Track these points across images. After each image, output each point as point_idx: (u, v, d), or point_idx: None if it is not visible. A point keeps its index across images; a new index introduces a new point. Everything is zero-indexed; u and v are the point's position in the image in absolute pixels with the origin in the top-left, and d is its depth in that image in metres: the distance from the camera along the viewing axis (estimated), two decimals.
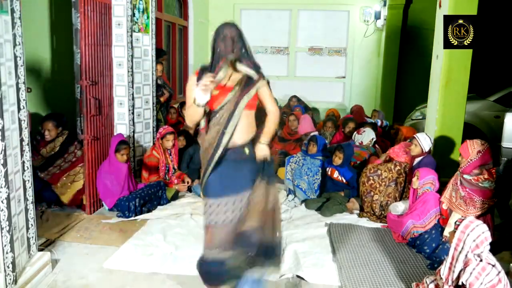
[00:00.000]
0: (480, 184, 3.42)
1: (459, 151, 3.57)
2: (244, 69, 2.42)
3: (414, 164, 4.27)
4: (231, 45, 2.39)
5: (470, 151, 3.45)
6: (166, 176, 4.83)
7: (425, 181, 3.73)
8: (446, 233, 3.46)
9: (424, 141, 4.24)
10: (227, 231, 2.42)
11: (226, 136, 2.40)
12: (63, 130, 4.49)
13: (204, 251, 2.49)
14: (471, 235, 2.37)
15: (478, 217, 3.34)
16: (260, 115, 2.61)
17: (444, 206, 3.60)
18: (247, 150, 2.50)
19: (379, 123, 6.51)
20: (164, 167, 4.81)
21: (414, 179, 3.81)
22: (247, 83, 2.43)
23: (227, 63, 2.37)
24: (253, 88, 2.44)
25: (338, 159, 4.60)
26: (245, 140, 2.48)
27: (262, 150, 2.52)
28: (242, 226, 2.44)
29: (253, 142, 2.54)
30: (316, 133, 6.08)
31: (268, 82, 2.60)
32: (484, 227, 2.40)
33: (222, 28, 2.41)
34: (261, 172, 2.51)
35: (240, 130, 2.45)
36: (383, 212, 4.17)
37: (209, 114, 2.48)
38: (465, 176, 3.50)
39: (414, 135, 4.40)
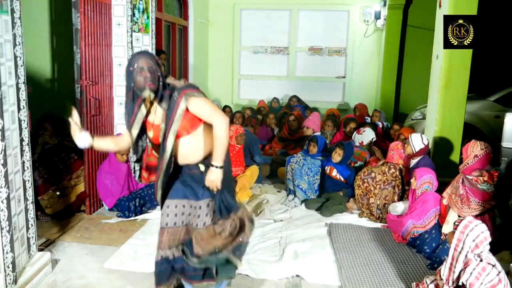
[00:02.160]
0: (478, 186, 3.42)
1: (462, 150, 3.57)
2: (163, 106, 2.27)
3: (411, 165, 4.26)
4: (149, 77, 2.19)
5: (469, 153, 3.45)
6: None
7: (422, 180, 3.72)
8: (444, 230, 3.46)
9: (415, 141, 4.21)
10: (170, 233, 2.43)
11: (164, 168, 2.34)
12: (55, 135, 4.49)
13: (156, 252, 2.48)
14: (470, 235, 2.37)
15: (475, 217, 3.36)
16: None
17: (445, 202, 3.61)
18: (202, 167, 2.39)
19: (380, 125, 6.51)
20: None
21: (412, 180, 3.82)
22: (167, 114, 2.25)
23: (146, 98, 2.26)
24: (177, 114, 2.22)
25: (337, 156, 4.59)
26: (196, 160, 2.39)
27: (211, 175, 2.33)
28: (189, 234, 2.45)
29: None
30: (318, 133, 6.09)
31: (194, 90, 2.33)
32: (483, 227, 2.40)
33: (137, 60, 2.23)
34: (219, 207, 2.42)
35: (185, 155, 2.36)
36: (381, 215, 4.17)
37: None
38: (467, 175, 3.51)
39: (409, 135, 4.40)
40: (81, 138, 2.34)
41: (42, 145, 4.34)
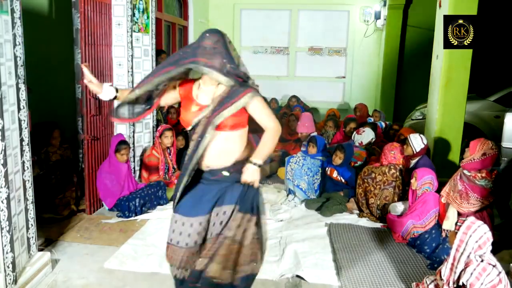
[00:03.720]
0: (477, 182, 3.43)
1: (469, 144, 3.54)
2: (216, 77, 2.09)
3: (411, 166, 4.26)
4: (207, 54, 2.07)
5: (477, 149, 3.45)
6: (166, 176, 4.83)
7: (423, 181, 3.73)
8: (444, 226, 3.47)
9: (415, 141, 4.22)
10: (184, 254, 2.23)
11: (193, 162, 2.15)
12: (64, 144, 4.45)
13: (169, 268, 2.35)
14: (474, 236, 2.36)
15: (474, 213, 3.36)
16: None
17: (443, 200, 3.62)
18: (226, 173, 2.21)
19: (383, 125, 6.50)
20: (163, 166, 4.81)
21: (412, 180, 3.82)
22: (223, 101, 2.12)
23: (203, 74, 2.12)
24: (232, 106, 2.10)
25: (338, 159, 4.60)
26: (224, 164, 2.20)
27: (249, 172, 2.17)
28: (203, 260, 2.21)
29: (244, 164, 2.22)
30: (315, 133, 6.08)
31: (263, 97, 2.26)
32: (486, 228, 2.39)
33: (203, 35, 2.12)
34: (239, 198, 2.19)
35: (216, 154, 2.18)
36: (381, 215, 4.17)
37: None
38: (465, 171, 3.52)
39: (407, 136, 4.40)
40: (106, 92, 2.22)
41: (45, 160, 4.26)
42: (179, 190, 2.23)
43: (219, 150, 2.19)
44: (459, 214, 3.46)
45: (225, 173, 2.22)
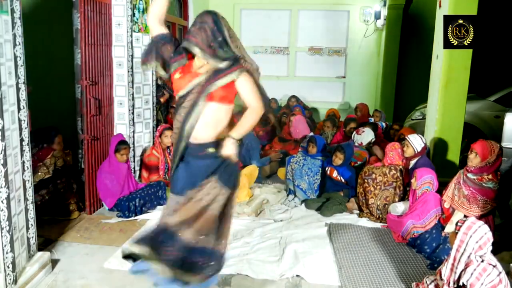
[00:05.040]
0: (483, 184, 3.42)
1: (475, 149, 3.49)
2: (199, 53, 2.18)
3: (410, 167, 4.26)
4: (197, 32, 2.18)
5: (489, 153, 3.42)
6: (166, 175, 4.83)
7: (423, 181, 3.72)
8: (447, 229, 3.46)
9: (415, 141, 4.21)
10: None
11: (186, 128, 2.24)
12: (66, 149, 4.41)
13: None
14: (474, 237, 2.36)
15: (479, 218, 3.35)
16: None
17: (446, 205, 3.60)
18: (210, 149, 2.29)
19: (384, 126, 6.50)
20: (163, 166, 4.82)
21: (412, 180, 3.81)
22: (217, 71, 2.21)
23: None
24: (224, 78, 2.19)
25: (338, 160, 4.61)
26: (209, 136, 2.28)
27: (228, 146, 2.26)
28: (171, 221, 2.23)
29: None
30: (311, 134, 6.09)
31: (253, 74, 2.32)
32: (486, 228, 2.39)
33: (198, 16, 2.24)
34: (218, 170, 2.27)
35: (205, 125, 2.25)
36: (381, 215, 4.17)
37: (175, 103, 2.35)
38: (469, 175, 3.50)
39: (406, 137, 4.38)
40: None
41: (46, 168, 4.17)
42: (173, 165, 2.33)
43: (207, 121, 2.26)
44: (465, 216, 3.44)
45: (211, 150, 2.29)
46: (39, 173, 4.03)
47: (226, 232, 2.35)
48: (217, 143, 2.30)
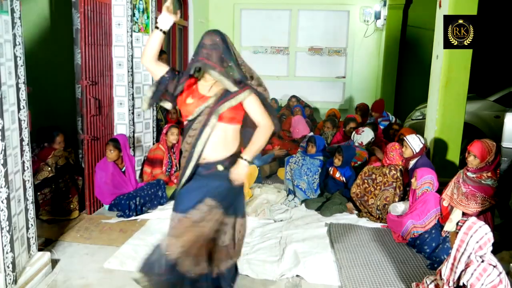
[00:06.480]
0: (482, 182, 3.43)
1: (472, 151, 3.49)
2: (217, 76, 2.20)
3: (410, 167, 4.25)
4: (208, 53, 2.19)
5: (488, 153, 3.42)
6: (168, 173, 4.85)
7: (423, 181, 3.72)
8: (446, 228, 3.46)
9: (413, 142, 4.20)
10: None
11: (197, 149, 2.25)
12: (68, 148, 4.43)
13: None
14: (474, 237, 2.36)
15: (478, 215, 3.36)
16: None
17: (445, 203, 3.60)
18: (220, 167, 2.29)
19: (393, 120, 6.54)
20: (166, 161, 4.84)
21: (412, 180, 3.81)
22: (226, 93, 2.24)
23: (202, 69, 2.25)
24: (233, 99, 2.23)
25: (337, 161, 4.64)
26: (220, 156, 2.29)
27: (239, 169, 2.25)
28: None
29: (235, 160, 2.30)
30: (310, 133, 6.09)
31: (261, 94, 2.35)
32: (487, 228, 2.39)
33: (205, 36, 2.25)
34: (222, 197, 2.27)
35: (214, 145, 2.27)
36: (380, 215, 4.16)
37: (184, 126, 2.36)
38: (468, 173, 3.50)
39: (404, 137, 4.37)
40: (167, 19, 2.29)
41: (49, 167, 4.17)
42: (180, 185, 2.32)
43: (217, 142, 2.28)
44: (463, 215, 3.45)
45: (220, 167, 2.29)
46: (44, 171, 4.05)
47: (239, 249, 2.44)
48: (227, 160, 2.30)
